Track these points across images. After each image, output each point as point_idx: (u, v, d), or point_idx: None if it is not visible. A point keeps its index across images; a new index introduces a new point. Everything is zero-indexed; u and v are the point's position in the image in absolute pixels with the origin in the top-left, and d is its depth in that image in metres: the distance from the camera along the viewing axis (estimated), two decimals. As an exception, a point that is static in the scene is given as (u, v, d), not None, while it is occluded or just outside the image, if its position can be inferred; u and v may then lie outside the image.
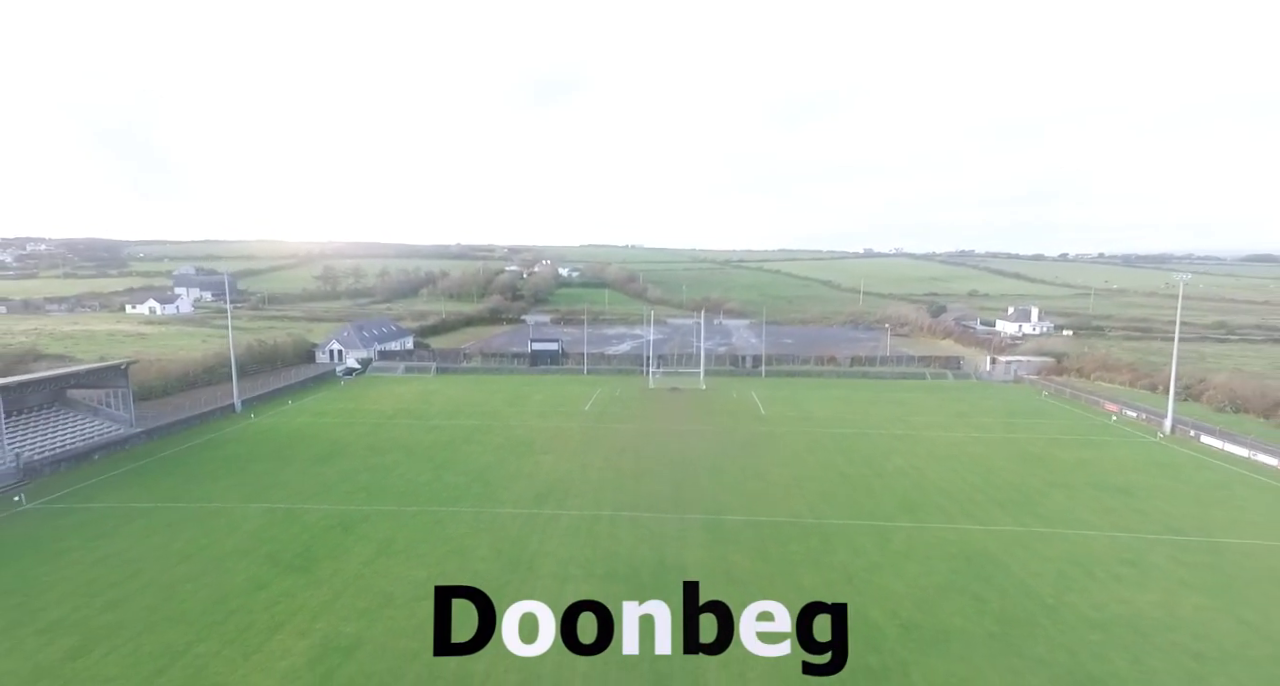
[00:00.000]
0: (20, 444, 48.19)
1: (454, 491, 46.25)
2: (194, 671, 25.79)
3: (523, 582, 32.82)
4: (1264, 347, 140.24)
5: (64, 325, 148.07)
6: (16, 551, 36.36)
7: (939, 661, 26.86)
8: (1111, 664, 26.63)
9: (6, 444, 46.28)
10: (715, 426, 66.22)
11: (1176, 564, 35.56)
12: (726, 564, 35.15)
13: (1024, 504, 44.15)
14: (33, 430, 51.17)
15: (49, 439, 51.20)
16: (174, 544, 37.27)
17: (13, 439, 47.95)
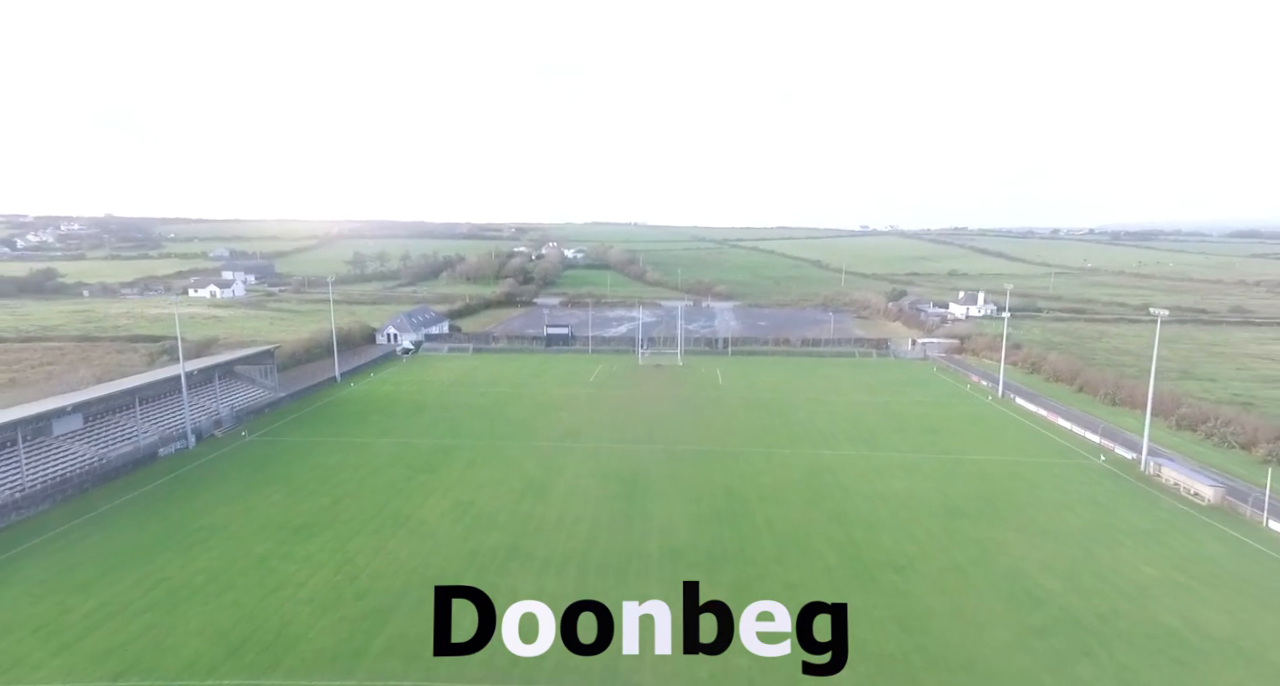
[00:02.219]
0: (220, 403, 74.04)
1: (506, 432, 72.15)
2: (394, 512, 51.55)
3: (557, 479, 58.21)
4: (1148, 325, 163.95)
5: (147, 308, 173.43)
6: (266, 462, 62.43)
7: (773, 509, 52.46)
8: (864, 510, 52.19)
9: (222, 401, 72.30)
10: (683, 392, 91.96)
11: (932, 468, 61.24)
12: (674, 470, 60.77)
13: (866, 439, 69.90)
14: (225, 393, 76.89)
15: (234, 399, 76.98)
16: (348, 459, 63.19)
17: (215, 401, 73.76)
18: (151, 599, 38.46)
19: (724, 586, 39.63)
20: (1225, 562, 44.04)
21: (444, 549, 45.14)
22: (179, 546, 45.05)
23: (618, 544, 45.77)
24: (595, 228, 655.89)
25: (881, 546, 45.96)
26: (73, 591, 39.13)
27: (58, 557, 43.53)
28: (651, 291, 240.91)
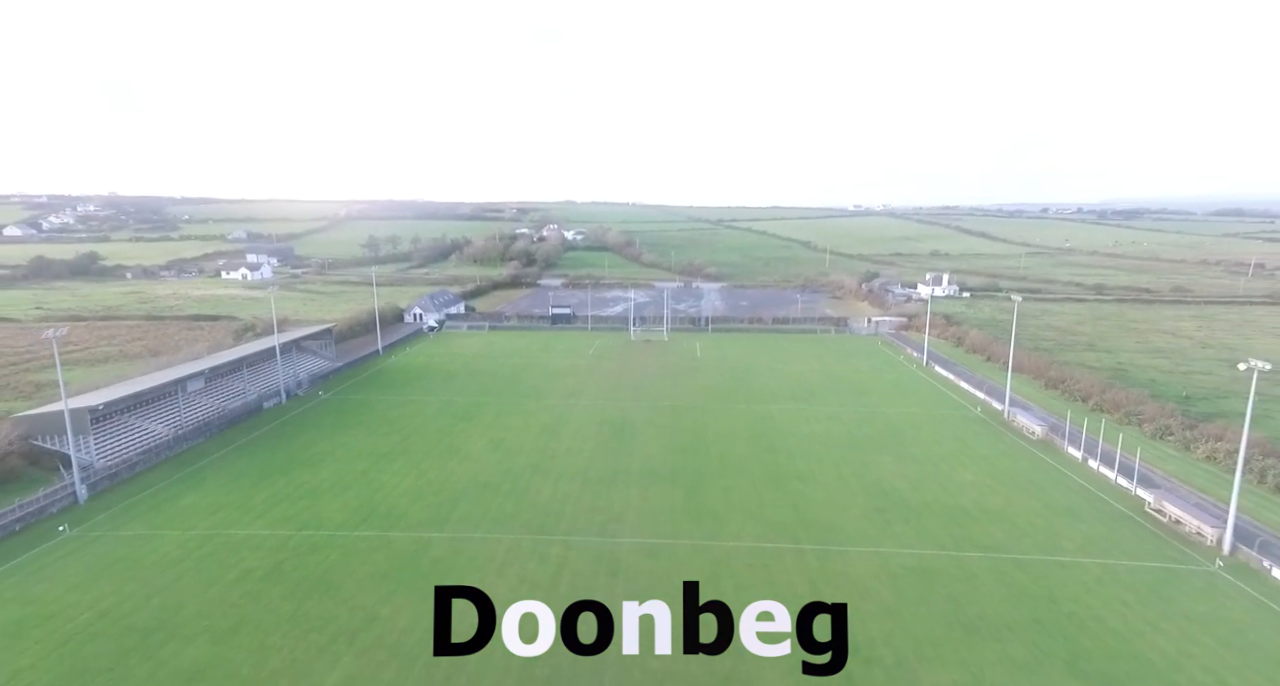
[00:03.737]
0: (297, 370, 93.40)
1: (523, 392, 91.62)
2: (447, 446, 71.14)
3: (564, 425, 77.76)
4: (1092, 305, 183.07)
5: (190, 290, 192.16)
6: (344, 413, 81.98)
7: (724, 444, 71.97)
8: (789, 445, 71.74)
9: (304, 366, 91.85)
10: (666, 362, 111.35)
11: (849, 417, 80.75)
12: (653, 419, 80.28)
13: (805, 397, 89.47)
14: (299, 362, 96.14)
15: (306, 367, 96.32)
16: (405, 411, 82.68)
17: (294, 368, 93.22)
18: (300, 493, 58.24)
19: (683, 493, 59.04)
20: (1021, 472, 63.84)
21: (486, 468, 64.74)
22: (304, 465, 64.80)
23: (609, 465, 65.36)
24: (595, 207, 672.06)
25: (795, 466, 65.60)
26: (247, 489, 58.94)
27: (226, 470, 63.33)
28: (646, 273, 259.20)
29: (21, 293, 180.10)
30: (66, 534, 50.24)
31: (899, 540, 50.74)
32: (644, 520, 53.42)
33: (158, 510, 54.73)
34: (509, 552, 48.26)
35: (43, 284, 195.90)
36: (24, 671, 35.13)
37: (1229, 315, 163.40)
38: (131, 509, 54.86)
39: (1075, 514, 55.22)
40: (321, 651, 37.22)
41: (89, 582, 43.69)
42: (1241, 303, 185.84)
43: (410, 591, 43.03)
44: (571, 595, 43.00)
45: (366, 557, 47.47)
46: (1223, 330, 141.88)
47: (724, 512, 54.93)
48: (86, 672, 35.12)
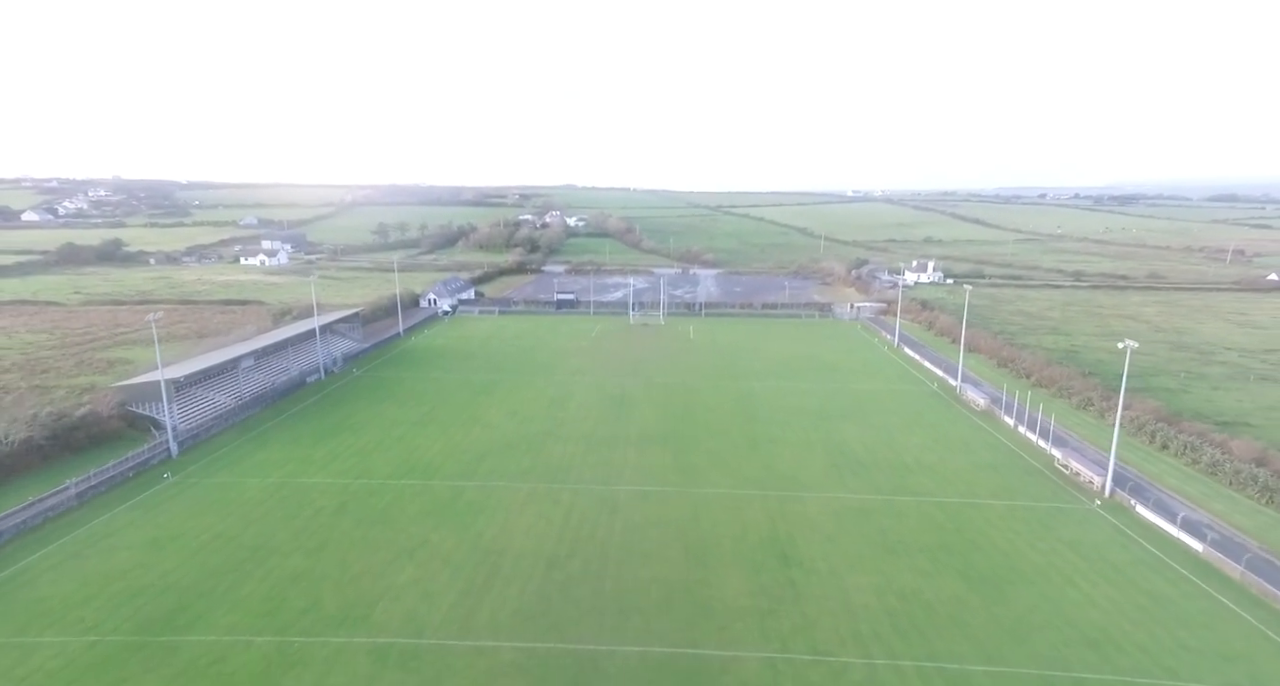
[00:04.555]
0: (332, 350, 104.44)
1: (533, 370, 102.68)
2: (469, 415, 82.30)
3: (571, 398, 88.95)
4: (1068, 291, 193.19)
5: (214, 276, 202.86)
6: (376, 387, 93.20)
7: (710, 415, 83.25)
8: (766, 415, 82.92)
9: (336, 346, 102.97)
10: (661, 344, 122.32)
11: (821, 393, 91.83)
12: (649, 394, 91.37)
13: (784, 375, 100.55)
14: (330, 344, 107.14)
15: (339, 347, 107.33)
16: (430, 386, 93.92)
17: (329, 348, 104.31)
18: (350, 452, 69.54)
19: (672, 453, 70.19)
20: (960, 436, 75.02)
21: (504, 433, 75.92)
22: (349, 430, 76.09)
23: (610, 431, 76.56)
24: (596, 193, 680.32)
25: (769, 433, 76.74)
26: (306, 448, 70.28)
27: (285, 434, 74.66)
28: (646, 259, 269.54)
29: (56, 277, 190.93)
30: (170, 480, 61.62)
31: (847, 488, 62.02)
32: (638, 473, 64.70)
33: (236, 463, 66.11)
34: (528, 496, 59.56)
35: (73, 269, 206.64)
36: (171, 571, 46.58)
37: (1192, 301, 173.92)
38: (215, 462, 66.23)
39: (996, 468, 66.51)
40: (389, 562, 48.58)
41: (198, 515, 55.09)
42: (1209, 289, 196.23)
43: (452, 523, 54.39)
44: (579, 528, 55.04)
45: (413, 500, 58.82)
46: (1180, 315, 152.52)
47: (706, 468, 66.22)
48: (216, 573, 46.54)
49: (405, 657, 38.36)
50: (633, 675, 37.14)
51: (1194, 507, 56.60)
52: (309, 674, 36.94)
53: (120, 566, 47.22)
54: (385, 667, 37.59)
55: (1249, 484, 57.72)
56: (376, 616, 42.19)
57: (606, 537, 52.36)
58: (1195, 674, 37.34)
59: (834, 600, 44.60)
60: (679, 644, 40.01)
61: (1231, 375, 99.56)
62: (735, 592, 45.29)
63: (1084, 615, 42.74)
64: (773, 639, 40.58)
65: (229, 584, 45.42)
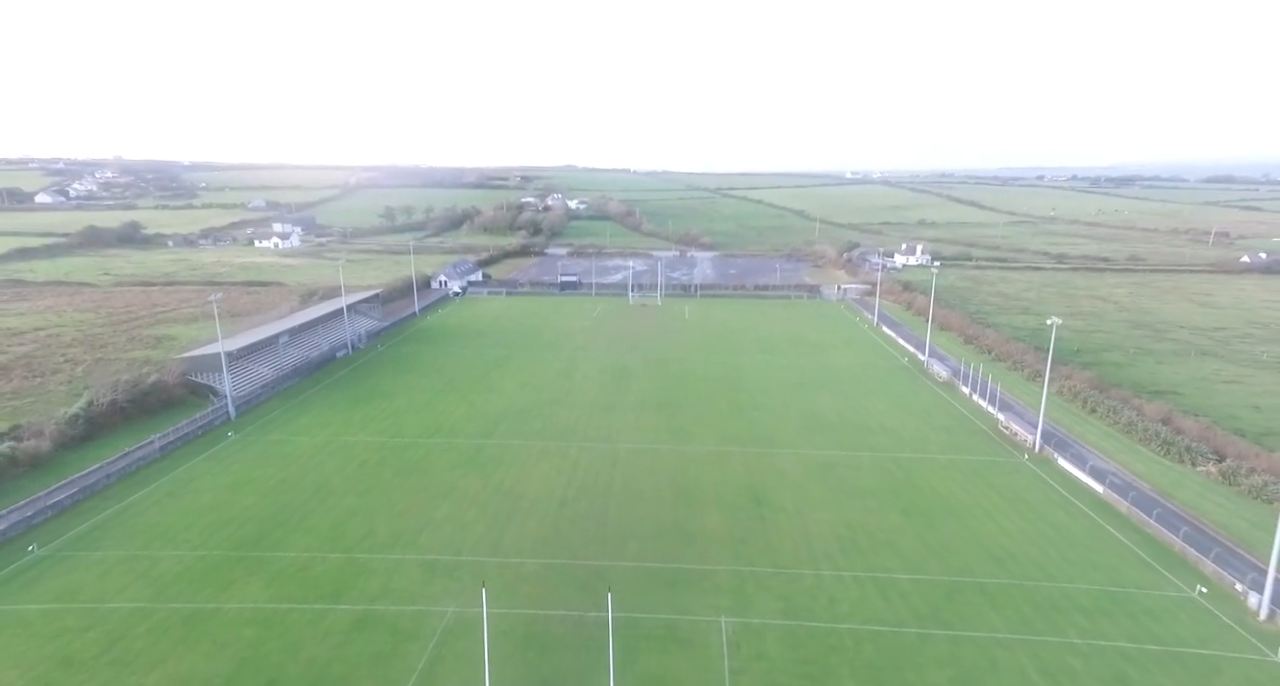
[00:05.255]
0: (357, 328, 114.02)
1: (540, 346, 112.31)
2: (485, 385, 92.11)
3: (575, 371, 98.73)
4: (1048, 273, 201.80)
5: (232, 258, 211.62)
6: (399, 361, 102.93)
7: (700, 384, 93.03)
8: (750, 385, 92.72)
9: (359, 325, 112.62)
10: (658, 323, 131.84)
11: (801, 366, 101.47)
12: (646, 367, 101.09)
13: (769, 351, 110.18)
14: (354, 322, 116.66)
15: (362, 325, 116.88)
16: (448, 360, 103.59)
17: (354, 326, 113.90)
18: (383, 415, 79.37)
19: (666, 417, 79.95)
20: (921, 403, 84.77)
21: (517, 400, 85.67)
22: (380, 398, 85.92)
23: (610, 399, 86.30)
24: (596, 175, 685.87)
25: (753, 400, 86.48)
26: (344, 412, 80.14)
27: (324, 401, 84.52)
28: (646, 242, 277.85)
29: (82, 259, 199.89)
30: (233, 438, 71.58)
31: (816, 446, 71.89)
32: (636, 434, 74.54)
33: (286, 424, 76.04)
34: (540, 452, 69.44)
35: (96, 251, 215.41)
36: (249, 507, 56.60)
37: (1164, 282, 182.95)
38: (267, 424, 76.13)
39: (948, 429, 76.36)
40: (427, 502, 58.52)
41: (262, 465, 65.07)
42: (1183, 271, 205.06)
43: (476, 473, 64.29)
44: (587, 479, 65.29)
45: (441, 454, 68.74)
46: (1149, 296, 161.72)
47: (694, 429, 76.05)
48: (286, 509, 56.51)
49: (449, 569, 48.39)
50: (629, 581, 47.06)
51: (1104, 459, 66.50)
52: (376, 578, 47.00)
53: (208, 503, 57.25)
54: (434, 575, 47.63)
55: (1153, 439, 67.56)
56: (422, 540, 52.22)
57: (608, 484, 62.30)
58: (1069, 577, 47.38)
59: (794, 531, 54.56)
60: (666, 561, 50.00)
61: (1177, 351, 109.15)
62: (714, 525, 55.25)
63: (994, 539, 52.74)
64: (742, 558, 50.56)
65: (299, 517, 55.45)
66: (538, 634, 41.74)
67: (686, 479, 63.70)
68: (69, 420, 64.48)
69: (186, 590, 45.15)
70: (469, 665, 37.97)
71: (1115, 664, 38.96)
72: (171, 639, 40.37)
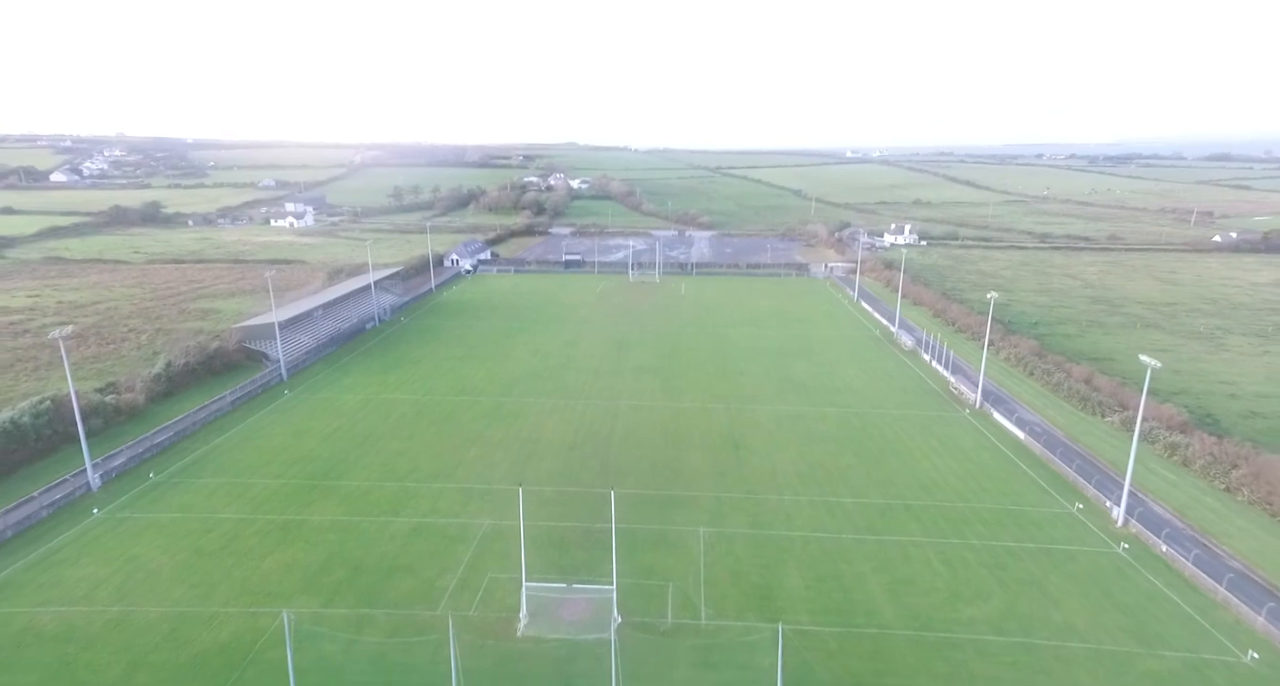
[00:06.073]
0: (381, 302, 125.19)
1: (548, 319, 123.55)
2: (501, 353, 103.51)
3: (580, 341, 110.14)
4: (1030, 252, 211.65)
5: (251, 237, 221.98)
6: (422, 333, 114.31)
7: (692, 353, 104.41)
8: (736, 353, 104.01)
9: (383, 300, 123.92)
10: (656, 299, 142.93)
11: (782, 337, 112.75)
12: (644, 338, 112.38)
13: (755, 323, 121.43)
14: (379, 297, 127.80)
15: (386, 300, 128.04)
16: (466, 332, 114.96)
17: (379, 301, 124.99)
18: (414, 377, 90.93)
19: (660, 380, 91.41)
20: (886, 369, 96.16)
21: (530, 366, 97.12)
22: (409, 363, 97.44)
23: (612, 365, 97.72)
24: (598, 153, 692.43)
25: (737, 366, 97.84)
26: (379, 375, 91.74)
27: (360, 366, 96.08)
28: (646, 221, 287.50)
29: (110, 238, 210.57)
30: (289, 395, 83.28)
31: (789, 403, 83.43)
32: (634, 393, 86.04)
33: (331, 385, 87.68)
34: (552, 408, 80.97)
35: (122, 230, 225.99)
36: (313, 449, 68.37)
37: (1135, 261, 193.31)
38: (314, 385, 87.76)
39: (905, 390, 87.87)
40: (459, 446, 70.17)
41: (318, 417, 76.78)
42: (1157, 250, 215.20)
43: (498, 423, 75.90)
44: (592, 429, 77.90)
45: (468, 409, 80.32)
46: (1118, 274, 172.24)
47: (685, 389, 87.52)
48: (344, 450, 68.22)
49: (482, 495, 60.14)
50: (628, 503, 58.64)
51: (1032, 412, 78.11)
52: (424, 500, 58.80)
53: (278, 446, 69.05)
54: (470, 499, 59.40)
55: (1074, 396, 79.16)
56: (459, 474, 63.97)
57: (610, 433, 73.91)
58: (979, 500, 59.17)
59: (765, 467, 66.23)
60: (658, 489, 61.69)
61: (1125, 324, 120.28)
62: (698, 463, 66.90)
63: (927, 474, 64.43)
64: (720, 487, 62.24)
65: (355, 457, 67.19)
66: (556, 539, 53.55)
67: (677, 429, 75.28)
68: (154, 378, 76.12)
69: (277, 506, 57.03)
70: (505, 559, 49.82)
71: (999, 555, 50.78)
72: (273, 539, 52.26)
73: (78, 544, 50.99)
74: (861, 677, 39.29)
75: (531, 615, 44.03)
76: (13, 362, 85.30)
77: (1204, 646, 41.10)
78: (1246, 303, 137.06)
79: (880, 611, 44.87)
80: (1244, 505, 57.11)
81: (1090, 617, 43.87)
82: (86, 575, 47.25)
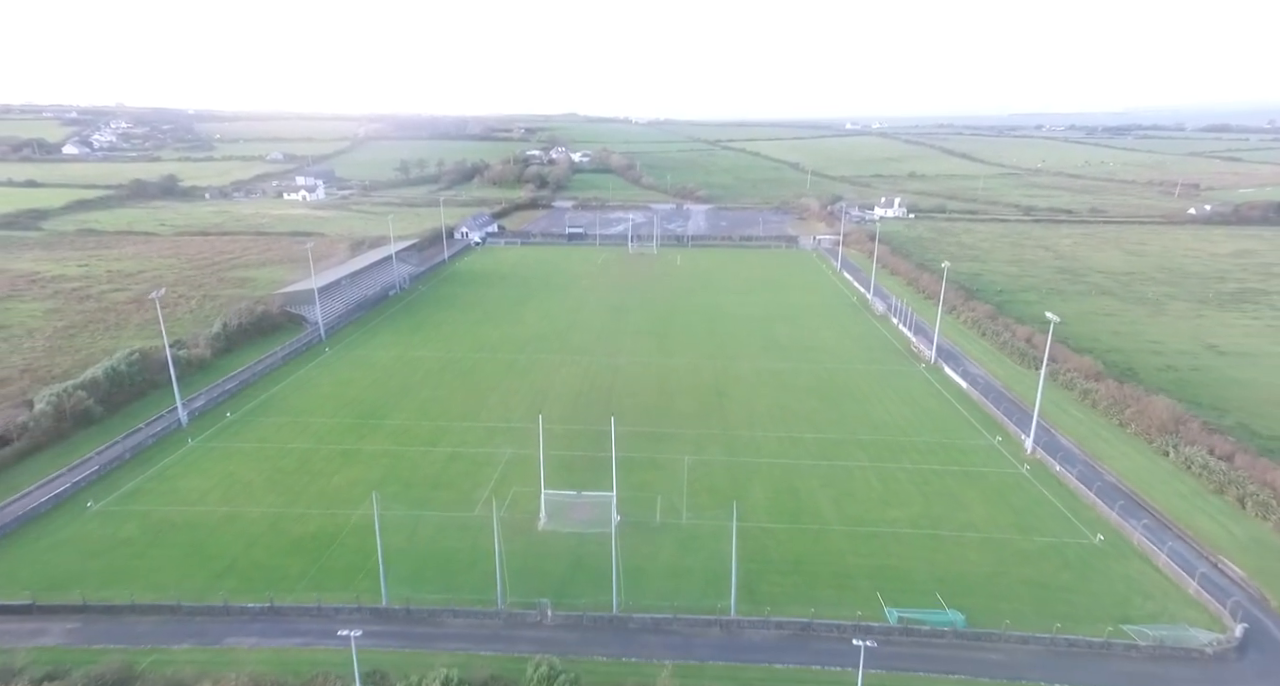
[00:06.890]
0: (400, 272, 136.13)
1: (554, 287, 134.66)
2: (513, 317, 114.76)
3: (584, 307, 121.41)
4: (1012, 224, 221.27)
5: (268, 210, 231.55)
6: (440, 299, 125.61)
7: (685, 317, 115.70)
8: (724, 318, 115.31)
9: (401, 270, 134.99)
10: (654, 269, 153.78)
11: (768, 304, 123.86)
12: (642, 304, 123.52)
13: (743, 292, 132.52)
14: (399, 266, 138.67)
15: (405, 270, 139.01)
16: (480, 297, 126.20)
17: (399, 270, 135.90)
18: (438, 338, 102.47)
19: (656, 341, 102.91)
20: (857, 332, 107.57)
21: (539, 329, 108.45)
22: (431, 326, 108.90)
23: (613, 328, 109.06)
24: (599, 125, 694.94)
25: (725, 329, 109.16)
26: (406, 335, 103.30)
27: (388, 328, 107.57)
28: (645, 195, 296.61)
29: (134, 211, 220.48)
30: (329, 353, 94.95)
31: (769, 359, 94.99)
32: (632, 352, 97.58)
33: (364, 344, 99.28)
34: (560, 363, 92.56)
35: (143, 203, 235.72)
36: (357, 395, 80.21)
37: (1109, 233, 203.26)
38: (350, 345, 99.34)
39: (871, 348, 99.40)
40: (481, 395, 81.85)
41: (357, 370, 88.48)
42: (1133, 222, 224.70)
43: (514, 376, 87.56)
44: (596, 381, 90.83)
45: (486, 363, 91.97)
46: (1088, 245, 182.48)
47: (678, 349, 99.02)
48: (384, 396, 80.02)
49: (503, 431, 71.98)
50: (627, 439, 70.13)
51: (978, 366, 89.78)
52: (456, 435, 70.69)
53: (327, 393, 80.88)
54: (494, 435, 71.24)
55: (1015, 352, 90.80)
56: (483, 415, 75.80)
57: (610, 384, 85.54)
58: (918, 434, 71.06)
59: (743, 411, 77.95)
60: (651, 427, 73.45)
61: (1082, 292, 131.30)
62: (686, 407, 78.63)
63: (878, 417, 76.19)
64: (704, 426, 73.96)
65: (394, 402, 78.98)
66: (567, 464, 65.36)
67: (669, 381, 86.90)
68: (214, 337, 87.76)
69: (336, 438, 68.97)
70: (526, 477, 61.69)
71: (926, 475, 62.73)
72: (337, 462, 64.24)
73: (182, 464, 63.08)
74: (802, 556, 51.39)
75: (549, 515, 56.09)
76: (86, 323, 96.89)
77: (1066, 533, 53.22)
78: (1199, 272, 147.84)
79: (823, 514, 56.91)
80: (1130, 436, 68.99)
81: (987, 516, 55.92)
82: (195, 486, 59.34)
